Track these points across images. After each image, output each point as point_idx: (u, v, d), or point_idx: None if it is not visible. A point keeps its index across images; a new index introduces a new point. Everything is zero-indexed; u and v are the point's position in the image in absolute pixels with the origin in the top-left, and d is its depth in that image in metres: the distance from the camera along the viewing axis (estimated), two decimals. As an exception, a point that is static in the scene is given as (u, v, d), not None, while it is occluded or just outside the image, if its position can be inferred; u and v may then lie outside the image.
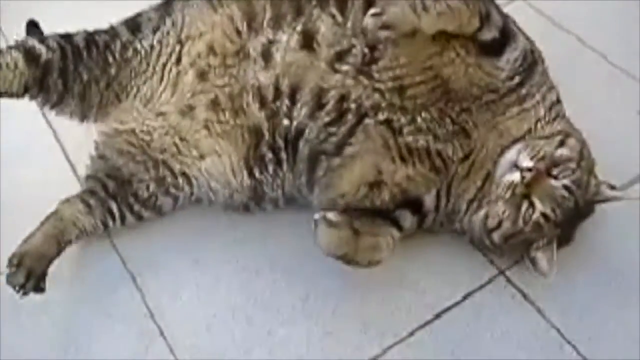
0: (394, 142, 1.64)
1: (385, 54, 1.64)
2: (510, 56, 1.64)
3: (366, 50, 1.64)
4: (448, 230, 1.72)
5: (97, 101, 1.79)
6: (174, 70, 1.76)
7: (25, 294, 1.67)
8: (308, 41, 1.68)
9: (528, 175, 1.58)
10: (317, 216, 1.60)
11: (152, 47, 1.78)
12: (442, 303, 1.67)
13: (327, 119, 1.66)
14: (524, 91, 1.65)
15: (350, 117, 1.65)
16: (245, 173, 1.75)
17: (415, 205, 1.67)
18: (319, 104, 1.66)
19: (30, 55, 1.74)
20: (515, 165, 1.60)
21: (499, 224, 1.61)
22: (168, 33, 1.77)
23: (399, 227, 1.65)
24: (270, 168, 1.73)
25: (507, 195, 1.60)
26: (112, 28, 1.82)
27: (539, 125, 1.65)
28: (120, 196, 1.79)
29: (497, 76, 1.64)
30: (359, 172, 1.66)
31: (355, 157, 1.66)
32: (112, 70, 1.77)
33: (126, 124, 1.80)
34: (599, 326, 1.62)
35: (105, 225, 1.80)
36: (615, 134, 1.88)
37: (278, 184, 1.75)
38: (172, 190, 1.80)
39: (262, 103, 1.70)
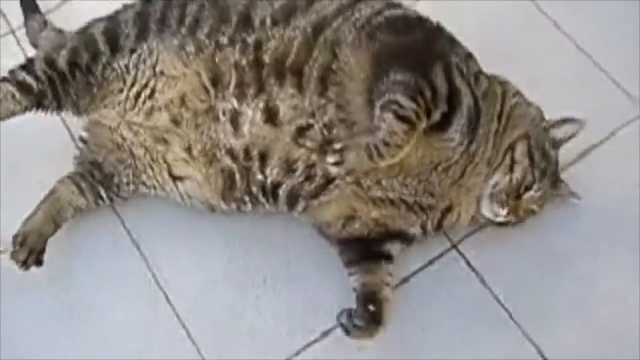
0: (365, 194, 1.83)
1: (342, 138, 1.77)
2: (458, 124, 1.76)
3: (325, 131, 1.78)
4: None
5: (84, 109, 1.97)
6: (148, 103, 1.90)
7: (27, 268, 1.90)
8: (271, 117, 1.80)
9: (510, 217, 1.83)
10: (343, 320, 1.79)
11: (127, 68, 1.91)
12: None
13: (299, 179, 1.83)
14: (473, 146, 1.79)
15: (320, 180, 1.82)
16: (222, 203, 1.93)
17: (402, 236, 1.88)
18: (289, 169, 1.83)
19: (23, 88, 1.92)
20: (496, 215, 1.84)
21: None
22: (144, 61, 1.90)
23: (391, 258, 1.87)
24: (249, 206, 1.92)
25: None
26: (93, 41, 1.93)
27: (494, 163, 1.82)
28: (106, 184, 1.98)
29: (448, 147, 1.78)
30: (336, 210, 1.87)
31: (330, 201, 1.85)
32: (94, 89, 1.93)
33: (106, 120, 1.96)
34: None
35: (98, 204, 2.01)
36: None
37: (259, 210, 1.94)
38: (145, 189, 1.99)
39: (234, 159, 1.86)
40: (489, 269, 1.95)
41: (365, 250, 1.89)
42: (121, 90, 1.92)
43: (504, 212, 1.83)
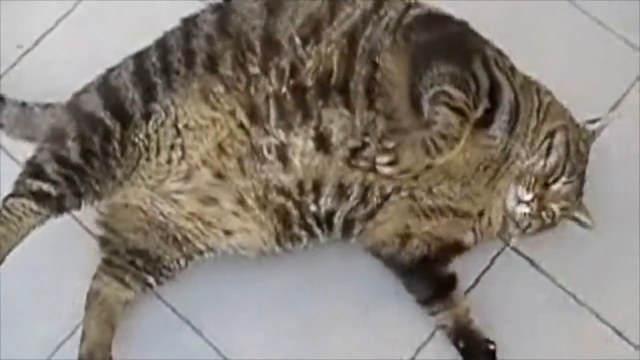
0: (417, 205, 1.78)
1: None
2: (500, 120, 1.71)
3: (379, 146, 1.68)
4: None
5: (105, 196, 1.78)
6: (182, 165, 1.74)
7: None
8: (323, 143, 1.70)
9: (534, 204, 1.77)
10: None
11: (148, 137, 1.73)
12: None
13: (354, 203, 1.75)
14: (509, 145, 1.73)
15: (376, 200, 1.75)
16: (276, 246, 1.84)
17: (458, 247, 1.85)
18: (343, 195, 1.74)
19: (41, 198, 1.71)
20: (519, 200, 1.78)
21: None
22: (163, 122, 1.73)
23: (457, 281, 1.85)
24: (305, 240, 1.83)
25: (526, 220, 1.80)
26: (98, 120, 1.73)
27: (534, 145, 1.76)
28: (153, 269, 1.84)
29: (491, 146, 1.73)
30: (391, 230, 1.81)
31: (385, 219, 1.79)
32: (116, 171, 1.75)
33: (134, 200, 1.80)
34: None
35: (145, 292, 1.87)
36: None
37: (312, 246, 1.86)
38: (198, 257, 1.86)
39: (288, 197, 1.76)
40: (545, 257, 1.95)
41: (433, 281, 1.86)
42: (148, 162, 1.75)
43: (528, 196, 1.77)
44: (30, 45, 2.16)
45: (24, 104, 1.96)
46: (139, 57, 1.79)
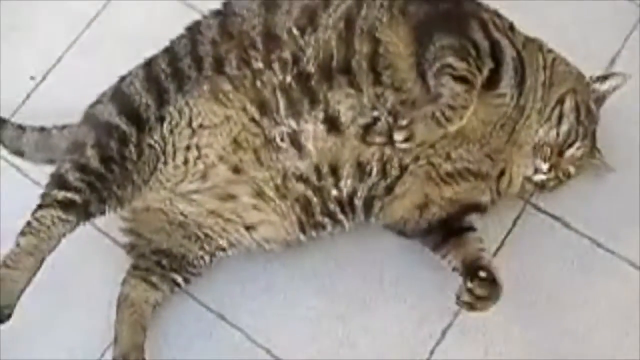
0: (436, 172, 1.80)
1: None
2: (507, 77, 1.74)
3: (390, 119, 1.72)
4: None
5: (127, 201, 1.82)
6: (199, 165, 1.79)
7: None
8: (334, 124, 1.74)
9: (551, 173, 1.82)
10: (465, 298, 1.71)
11: (164, 139, 1.79)
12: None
13: (375, 179, 1.78)
14: (523, 99, 1.78)
15: (395, 172, 1.78)
16: (301, 235, 1.87)
17: (476, 207, 1.86)
18: (363, 173, 1.77)
19: (67, 206, 1.76)
20: (537, 170, 1.83)
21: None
22: (177, 124, 1.78)
23: (473, 229, 1.84)
24: (329, 227, 1.86)
25: (544, 183, 1.86)
26: (114, 127, 1.78)
27: (544, 115, 1.80)
28: (179, 267, 1.87)
29: (503, 104, 1.76)
30: (409, 203, 1.83)
31: (405, 191, 1.81)
32: (134, 175, 1.79)
33: (154, 203, 1.85)
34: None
35: (173, 292, 1.90)
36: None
37: (336, 231, 1.89)
38: (222, 253, 1.89)
39: (307, 184, 1.79)
40: (568, 211, 1.95)
41: (448, 229, 1.86)
42: (165, 165, 1.80)
43: (545, 166, 1.82)
44: (41, 77, 2.23)
45: (42, 129, 2.03)
46: (149, 65, 1.85)
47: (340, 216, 1.85)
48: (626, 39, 2.10)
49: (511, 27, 1.84)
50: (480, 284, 1.72)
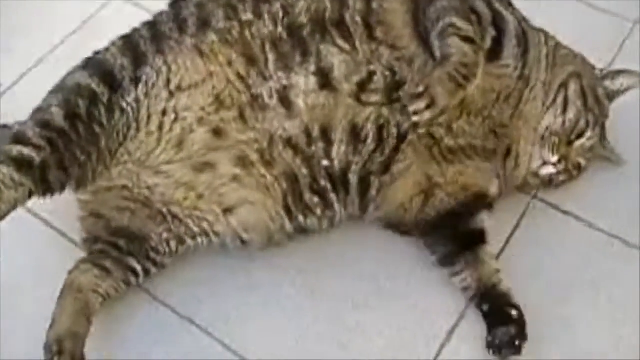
0: (438, 148, 1.66)
1: (408, 77, 1.62)
2: (510, 47, 1.67)
3: (387, 73, 1.61)
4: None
5: (90, 176, 1.61)
6: (176, 129, 1.61)
7: None
8: (326, 79, 1.61)
9: (560, 165, 1.71)
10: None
11: (138, 101, 1.60)
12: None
13: (371, 148, 1.63)
14: (527, 70, 1.69)
15: (392, 140, 1.64)
16: (286, 220, 1.67)
17: (484, 200, 1.70)
18: (357, 139, 1.62)
19: (22, 165, 1.53)
20: (545, 162, 1.72)
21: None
22: (153, 85, 1.61)
23: (485, 235, 1.68)
24: (319, 211, 1.68)
25: (553, 178, 1.74)
26: (85, 86, 1.59)
27: (549, 97, 1.71)
28: (138, 252, 1.65)
29: (506, 75, 1.67)
30: (411, 182, 1.67)
31: (404, 171, 1.66)
32: (102, 142, 1.60)
33: (114, 181, 1.64)
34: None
35: (128, 284, 1.66)
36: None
37: (327, 222, 1.70)
38: (191, 241, 1.68)
39: (296, 151, 1.63)
40: (577, 205, 1.80)
41: (459, 235, 1.68)
42: (137, 132, 1.60)
43: (554, 158, 1.71)
44: (9, 84, 2.07)
45: (5, 125, 1.77)
46: (127, 34, 1.70)
47: (332, 195, 1.66)
48: (625, 39, 2.07)
49: (509, 3, 1.77)
50: (516, 328, 1.58)
